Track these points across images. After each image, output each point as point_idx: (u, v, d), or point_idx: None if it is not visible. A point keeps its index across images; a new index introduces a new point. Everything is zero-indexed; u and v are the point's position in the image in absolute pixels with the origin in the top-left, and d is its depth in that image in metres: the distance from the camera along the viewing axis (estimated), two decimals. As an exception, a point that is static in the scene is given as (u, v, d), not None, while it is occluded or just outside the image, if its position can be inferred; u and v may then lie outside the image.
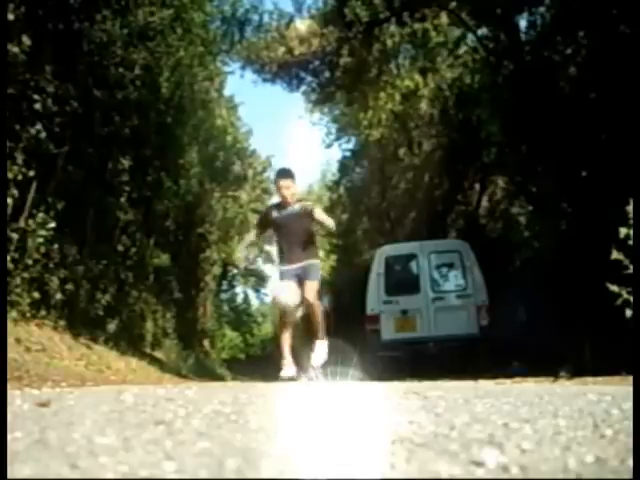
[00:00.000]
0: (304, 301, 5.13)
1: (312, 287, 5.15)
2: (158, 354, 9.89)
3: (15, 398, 1.95)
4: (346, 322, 14.92)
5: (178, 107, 9.61)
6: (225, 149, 16.36)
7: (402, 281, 8.77)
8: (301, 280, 5.16)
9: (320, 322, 5.21)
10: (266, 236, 6.04)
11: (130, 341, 8.12)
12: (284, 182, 5.19)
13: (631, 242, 3.82)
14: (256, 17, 13.53)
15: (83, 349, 5.83)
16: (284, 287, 5.08)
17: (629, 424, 1.29)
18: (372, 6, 11.43)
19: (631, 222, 3.87)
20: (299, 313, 5.64)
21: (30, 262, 5.47)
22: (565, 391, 2.72)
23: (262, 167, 20.91)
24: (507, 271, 11.50)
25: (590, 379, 3.87)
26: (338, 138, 19.20)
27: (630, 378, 3.20)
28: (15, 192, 5.25)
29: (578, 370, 4.40)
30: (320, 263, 5.54)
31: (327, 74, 13.75)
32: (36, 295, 5.53)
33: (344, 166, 21.10)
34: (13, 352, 4.28)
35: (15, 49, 5.21)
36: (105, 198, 7.44)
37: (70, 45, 6.28)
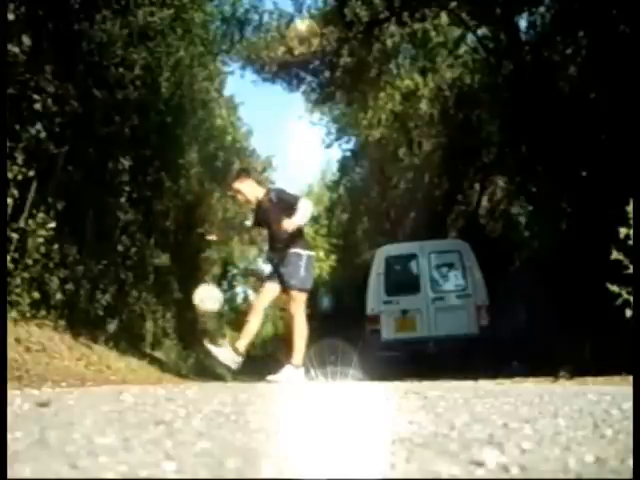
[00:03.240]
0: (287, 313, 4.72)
1: (293, 297, 4.58)
2: (158, 354, 9.89)
3: (15, 398, 1.95)
4: (346, 322, 14.92)
5: (178, 107, 9.60)
6: (225, 149, 16.34)
7: (402, 281, 8.77)
8: (280, 275, 4.72)
9: (297, 341, 4.46)
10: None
11: (130, 341, 8.11)
12: (235, 187, 5.02)
13: (631, 242, 3.82)
14: (256, 17, 13.54)
15: (83, 349, 5.82)
16: (202, 290, 4.88)
17: (629, 424, 1.29)
18: (372, 6, 11.42)
19: (631, 222, 3.87)
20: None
21: (30, 262, 5.46)
22: (565, 391, 2.72)
23: (262, 167, 20.89)
24: (507, 271, 11.50)
25: (590, 379, 3.87)
26: (338, 138, 19.19)
27: (630, 378, 3.20)
28: (15, 192, 5.24)
29: (578, 370, 4.39)
30: (308, 255, 4.76)
31: (327, 74, 13.75)
32: (36, 295, 5.51)
33: (344, 166, 21.10)
34: (13, 352, 4.28)
35: (15, 49, 5.21)
36: (105, 198, 7.43)
37: (70, 45, 6.27)
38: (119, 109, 7.21)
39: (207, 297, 4.93)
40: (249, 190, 5.03)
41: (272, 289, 4.79)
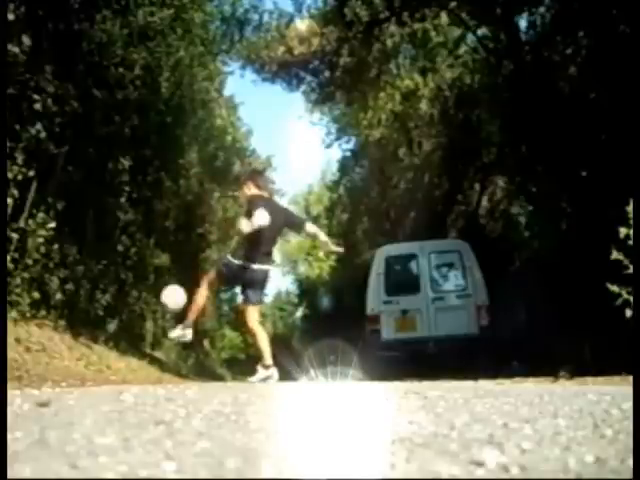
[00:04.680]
0: (244, 326, 4.92)
1: (252, 311, 4.86)
2: (158, 354, 9.90)
3: (15, 398, 1.95)
4: (346, 322, 14.92)
5: (178, 107, 9.59)
6: (225, 149, 16.34)
7: (402, 281, 8.76)
8: (244, 285, 4.90)
9: (261, 345, 4.80)
10: None
11: (130, 341, 8.12)
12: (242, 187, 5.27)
13: (631, 242, 3.82)
14: (256, 17, 13.53)
15: (83, 349, 5.83)
16: (170, 290, 4.97)
17: (629, 424, 1.29)
18: (372, 6, 11.42)
19: (631, 222, 3.87)
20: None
21: (30, 262, 5.46)
22: (565, 391, 2.72)
23: (262, 167, 20.89)
24: (507, 271, 11.50)
25: (590, 379, 3.87)
26: (338, 138, 19.17)
27: (630, 378, 3.20)
28: (15, 192, 5.24)
29: (578, 370, 4.39)
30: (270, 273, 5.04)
31: (327, 74, 13.74)
32: (36, 295, 5.52)
33: (344, 166, 21.08)
34: (13, 352, 4.28)
35: (15, 49, 5.21)
36: (105, 198, 7.43)
37: (70, 45, 6.27)
38: (119, 109, 7.21)
39: (172, 295, 4.97)
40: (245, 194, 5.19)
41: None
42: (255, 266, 4.79)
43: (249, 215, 4.71)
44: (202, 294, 4.94)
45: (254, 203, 4.78)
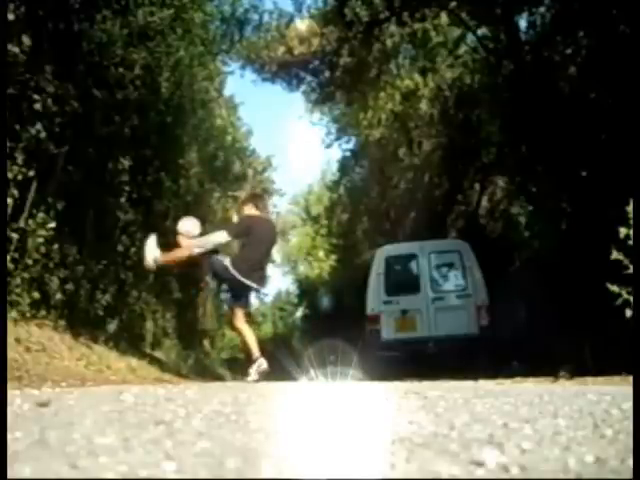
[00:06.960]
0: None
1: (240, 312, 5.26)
2: (158, 354, 9.89)
3: (15, 398, 1.95)
4: (346, 322, 14.91)
5: (178, 107, 9.59)
6: (225, 149, 16.33)
7: (402, 281, 8.76)
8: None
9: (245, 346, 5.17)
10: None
11: (130, 341, 8.11)
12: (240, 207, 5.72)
13: (631, 242, 3.82)
14: (256, 17, 13.56)
15: (83, 349, 5.82)
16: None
17: (629, 424, 1.29)
18: (372, 6, 11.43)
19: (631, 222, 3.87)
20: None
21: (30, 262, 5.46)
22: (565, 391, 2.72)
23: (262, 167, 20.89)
24: (507, 271, 11.49)
25: (590, 379, 3.88)
26: (338, 138, 19.18)
27: (630, 378, 3.20)
28: (15, 192, 5.24)
29: (578, 370, 4.40)
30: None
31: (327, 74, 13.76)
32: (36, 295, 5.52)
33: (344, 166, 21.08)
34: (13, 352, 4.28)
35: (15, 49, 5.21)
36: (105, 198, 7.43)
37: (70, 45, 6.27)
38: (119, 109, 7.21)
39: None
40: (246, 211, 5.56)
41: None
42: (251, 282, 5.17)
43: (238, 232, 5.30)
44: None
45: (246, 222, 5.34)
